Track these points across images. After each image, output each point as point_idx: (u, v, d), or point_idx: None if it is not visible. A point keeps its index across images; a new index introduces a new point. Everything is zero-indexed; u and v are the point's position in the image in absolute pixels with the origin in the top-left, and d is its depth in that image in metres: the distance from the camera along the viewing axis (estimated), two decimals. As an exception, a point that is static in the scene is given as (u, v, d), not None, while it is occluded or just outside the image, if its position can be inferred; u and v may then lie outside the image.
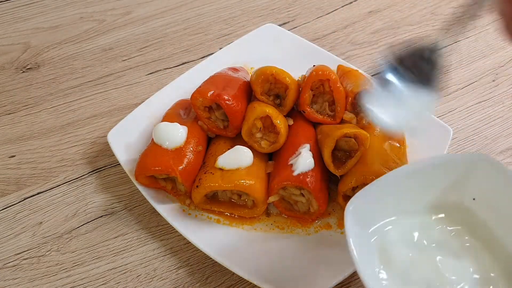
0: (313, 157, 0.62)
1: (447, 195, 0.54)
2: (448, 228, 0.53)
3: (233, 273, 0.59)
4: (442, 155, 0.55)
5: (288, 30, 0.85)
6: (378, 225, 0.52)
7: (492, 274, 0.49)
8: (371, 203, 0.51)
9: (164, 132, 0.64)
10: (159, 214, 0.62)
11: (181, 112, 0.70)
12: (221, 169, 0.62)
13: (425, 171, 0.54)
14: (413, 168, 0.55)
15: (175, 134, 0.64)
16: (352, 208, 0.49)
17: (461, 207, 0.54)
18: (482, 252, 0.51)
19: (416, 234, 0.52)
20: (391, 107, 0.51)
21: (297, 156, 0.61)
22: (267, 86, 0.67)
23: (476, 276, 0.49)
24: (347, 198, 0.62)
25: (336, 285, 0.55)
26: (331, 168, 0.62)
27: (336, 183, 0.63)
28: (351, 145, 0.61)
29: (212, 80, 0.68)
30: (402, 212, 0.53)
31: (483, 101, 0.80)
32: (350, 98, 0.67)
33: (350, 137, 0.62)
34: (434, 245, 0.51)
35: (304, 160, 0.60)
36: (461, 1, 0.97)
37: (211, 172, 0.62)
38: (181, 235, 0.61)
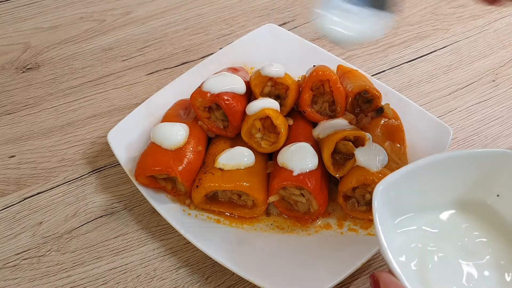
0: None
1: (472, 191, 0.53)
2: (465, 224, 0.52)
3: (233, 273, 0.59)
4: (470, 150, 0.53)
5: (288, 30, 0.85)
6: (404, 217, 0.51)
7: (502, 262, 0.49)
8: (401, 191, 0.50)
9: (164, 132, 0.64)
10: (159, 214, 0.62)
11: (181, 112, 0.70)
12: (221, 169, 0.62)
13: (456, 164, 0.52)
14: (444, 158, 0.52)
15: (175, 134, 0.64)
16: (382, 194, 0.47)
17: (482, 204, 0.53)
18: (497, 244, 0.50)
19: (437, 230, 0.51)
20: (347, 21, 0.52)
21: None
22: (267, 88, 0.67)
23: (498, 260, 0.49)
24: (347, 198, 0.62)
25: (336, 285, 0.55)
26: (331, 170, 0.62)
27: (336, 183, 0.63)
28: (349, 148, 0.61)
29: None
30: (425, 206, 0.52)
31: (483, 101, 0.80)
32: (350, 98, 0.67)
33: (349, 140, 0.62)
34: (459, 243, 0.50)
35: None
36: (461, 1, 0.97)
37: (211, 172, 0.62)
38: (181, 235, 0.60)
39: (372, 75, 0.81)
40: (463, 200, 0.53)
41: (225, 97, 0.64)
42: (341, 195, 0.61)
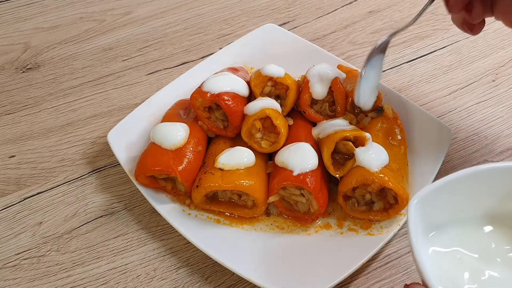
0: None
1: (505, 204, 0.52)
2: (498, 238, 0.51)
3: (233, 273, 0.59)
4: (508, 163, 0.52)
5: (288, 30, 0.85)
6: (436, 231, 0.50)
7: None
8: (434, 204, 0.49)
9: (164, 132, 0.64)
10: (159, 214, 0.62)
11: (181, 112, 0.70)
12: (221, 169, 0.62)
13: (493, 176, 0.50)
14: (481, 170, 0.51)
15: (175, 134, 0.64)
16: (419, 206, 0.46)
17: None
18: None
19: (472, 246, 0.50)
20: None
21: None
22: (267, 88, 0.67)
23: None
24: (347, 198, 0.62)
25: (336, 285, 0.55)
26: (331, 170, 0.62)
27: (336, 183, 0.63)
28: (349, 148, 0.61)
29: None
30: (457, 219, 0.51)
31: (483, 101, 0.80)
32: (350, 98, 0.67)
33: (349, 140, 0.62)
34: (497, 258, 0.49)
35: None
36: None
37: (211, 172, 0.62)
38: (181, 235, 0.60)
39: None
40: (495, 212, 0.52)
41: (225, 97, 0.64)
42: (341, 195, 0.61)
